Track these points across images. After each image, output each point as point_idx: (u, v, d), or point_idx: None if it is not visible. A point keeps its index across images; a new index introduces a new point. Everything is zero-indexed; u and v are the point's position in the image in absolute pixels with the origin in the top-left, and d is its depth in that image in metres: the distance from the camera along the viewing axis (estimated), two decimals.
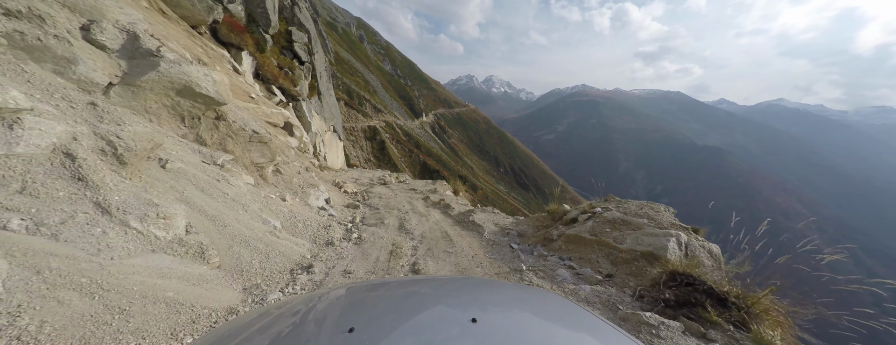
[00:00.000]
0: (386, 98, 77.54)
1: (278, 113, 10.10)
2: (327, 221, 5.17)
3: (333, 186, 9.04)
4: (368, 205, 7.66)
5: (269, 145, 4.61)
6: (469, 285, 1.17)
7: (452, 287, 1.12)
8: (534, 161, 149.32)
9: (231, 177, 3.74)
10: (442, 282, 1.22)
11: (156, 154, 2.86)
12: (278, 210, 4.04)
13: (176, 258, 2.34)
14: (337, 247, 4.06)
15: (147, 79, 3.12)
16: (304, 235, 4.04)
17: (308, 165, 9.03)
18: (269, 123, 9.81)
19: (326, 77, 18.12)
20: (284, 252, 3.29)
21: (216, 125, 3.97)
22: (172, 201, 2.63)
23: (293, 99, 12.06)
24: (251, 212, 3.44)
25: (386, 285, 1.13)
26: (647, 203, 3.79)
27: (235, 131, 4.16)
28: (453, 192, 10.05)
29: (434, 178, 31.54)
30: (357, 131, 52.64)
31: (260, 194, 4.03)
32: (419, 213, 6.70)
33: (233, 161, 4.04)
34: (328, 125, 17.96)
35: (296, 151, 9.10)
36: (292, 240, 3.65)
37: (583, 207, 4.28)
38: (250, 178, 4.23)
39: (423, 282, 1.21)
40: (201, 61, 7.48)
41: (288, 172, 6.17)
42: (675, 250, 2.72)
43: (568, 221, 4.16)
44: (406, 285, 1.13)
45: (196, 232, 2.64)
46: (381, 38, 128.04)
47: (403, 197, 8.57)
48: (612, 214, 3.55)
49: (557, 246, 3.65)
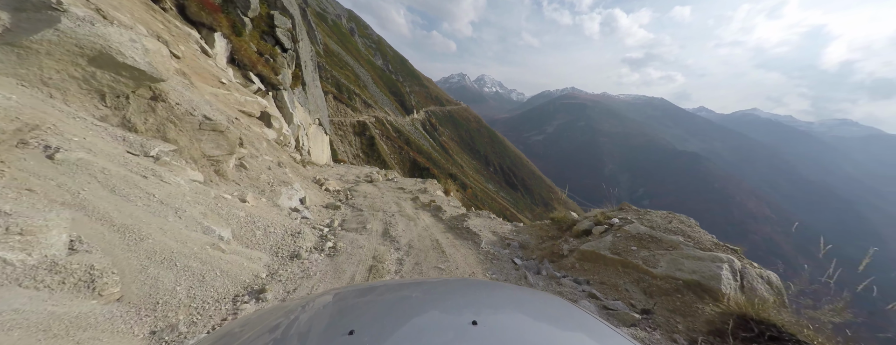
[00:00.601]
0: (376, 93, 76.02)
1: (254, 102, 9.16)
2: (298, 225, 4.40)
3: (314, 183, 8.20)
4: (351, 205, 6.89)
5: (226, 135, 3.81)
6: (469, 286, 1.14)
7: (452, 289, 1.10)
8: (523, 161, 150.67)
9: (168, 172, 2.94)
10: (441, 284, 1.20)
11: (39, 139, 2.06)
12: (231, 214, 3.26)
13: (40, 292, 1.57)
14: (304, 260, 3.32)
15: (41, 39, 2.30)
16: (263, 245, 3.28)
17: (285, 160, 8.17)
18: (243, 111, 8.86)
19: (312, 67, 17.04)
20: (229, 271, 2.54)
21: (152, 107, 3.15)
22: (51, 207, 1.85)
23: (274, 88, 11.07)
24: (187, 218, 2.66)
25: (385, 286, 1.12)
26: (672, 215, 3.23)
27: (180, 116, 3.34)
28: (444, 192, 9.37)
29: (424, 176, 31.00)
30: (346, 126, 51.31)
31: (209, 195, 3.24)
32: (407, 216, 5.99)
33: (174, 153, 3.23)
34: (313, 118, 16.92)
35: (271, 144, 8.21)
36: (244, 253, 2.90)
37: (595, 216, 3.71)
38: (198, 173, 3.43)
39: (423, 284, 1.18)
40: (161, 38, 6.52)
41: (255, 167, 5.34)
42: (729, 281, 2.13)
43: (579, 233, 3.57)
44: (406, 287, 1.11)
45: (88, 250, 1.86)
46: (372, 32, 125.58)
47: (390, 197, 7.83)
48: (635, 228, 2.96)
49: (570, 264, 3.04)
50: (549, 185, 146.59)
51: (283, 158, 8.27)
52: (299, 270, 3.11)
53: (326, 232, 4.67)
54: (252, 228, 3.36)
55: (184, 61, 7.60)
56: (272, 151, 7.89)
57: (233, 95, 8.56)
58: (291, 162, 8.89)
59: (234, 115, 7.87)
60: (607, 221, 3.44)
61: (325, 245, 3.98)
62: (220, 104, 7.73)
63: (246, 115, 8.82)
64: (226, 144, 3.85)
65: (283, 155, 8.29)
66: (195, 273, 2.30)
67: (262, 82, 10.70)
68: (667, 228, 2.92)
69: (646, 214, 3.39)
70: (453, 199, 9.44)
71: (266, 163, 5.85)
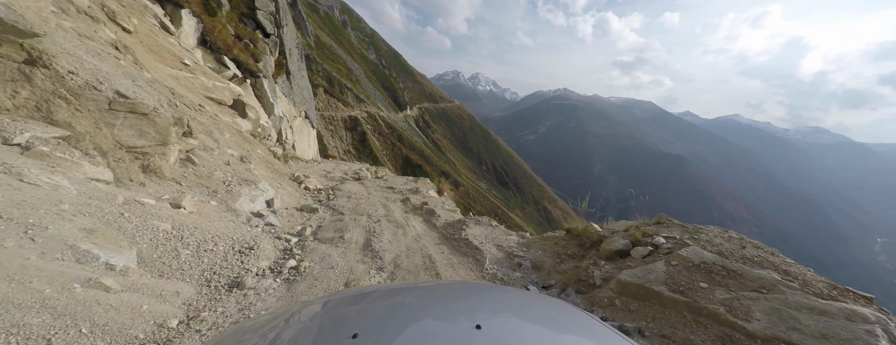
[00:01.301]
0: (369, 88, 74.36)
1: (224, 87, 8.07)
2: (256, 236, 3.48)
3: (291, 181, 7.21)
4: (331, 207, 5.96)
5: (152, 119, 2.84)
6: (471, 290, 1.11)
7: (455, 293, 1.05)
8: (515, 160, 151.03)
9: (42, 169, 2.00)
10: (444, 287, 1.17)
11: None
12: (145, 228, 2.34)
13: None
14: (248, 291, 2.43)
15: None
16: (189, 271, 2.37)
17: (260, 154, 7.17)
18: (211, 98, 7.77)
19: (298, 55, 15.84)
20: (110, 323, 1.64)
21: (27, 76, 2.18)
22: None
23: (252, 75, 9.96)
24: (49, 239, 1.73)
25: (388, 290, 1.12)
26: (740, 237, 2.44)
27: (75, 90, 2.37)
28: (438, 192, 8.51)
29: (416, 173, 29.89)
30: (336, 121, 49.87)
31: (112, 200, 2.31)
32: (395, 222, 5.12)
33: (63, 141, 2.27)
34: (298, 110, 15.75)
35: (242, 136, 7.17)
36: (151, 287, 1.99)
37: (629, 232, 2.92)
38: (106, 170, 2.49)
39: (425, 288, 1.14)
40: (106, 7, 5.43)
41: (208, 162, 4.36)
42: None
43: (611, 255, 2.78)
44: (408, 290, 1.10)
45: None
46: (366, 26, 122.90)
47: (378, 197, 6.92)
48: (697, 254, 2.17)
49: (606, 299, 2.25)
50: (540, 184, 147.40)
51: (257, 152, 7.26)
52: (237, 308, 2.21)
53: (293, 244, 3.76)
54: (176, 246, 2.44)
55: (136, 36, 6.48)
56: (242, 143, 6.88)
57: (198, 78, 7.46)
58: (267, 157, 7.88)
59: (199, 101, 6.80)
60: (651, 241, 2.65)
61: (286, 265, 3.08)
62: (183, 89, 6.65)
63: (214, 102, 7.73)
64: (153, 131, 2.89)
65: (256, 148, 7.25)
66: (33, 337, 1.39)
67: (239, 68, 9.58)
68: (742, 255, 2.14)
69: (699, 232, 2.61)
70: (447, 200, 8.58)
71: (225, 157, 4.87)
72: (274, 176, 6.73)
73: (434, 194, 8.23)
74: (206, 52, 8.51)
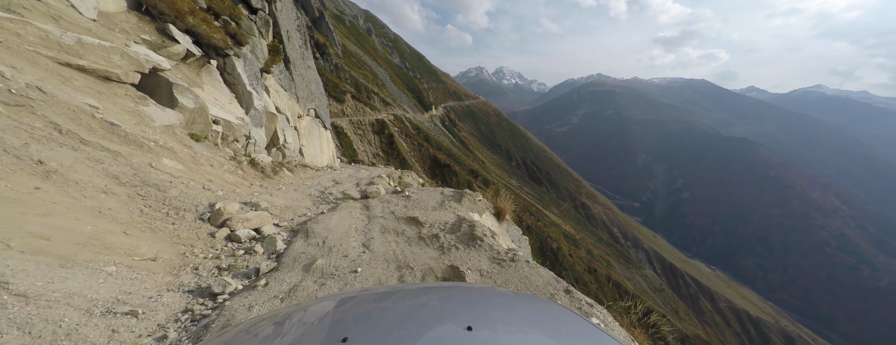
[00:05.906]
0: (394, 91, 73.04)
1: (113, 49, 4.54)
2: None
3: (246, 208, 4.14)
4: (251, 298, 2.77)
5: None
6: (464, 292, 1.09)
7: (447, 295, 1.05)
8: (547, 154, 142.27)
9: None
10: (436, 290, 1.14)
11: None
12: None
13: None
14: None
15: None
16: None
17: (166, 165, 4.24)
18: (74, 66, 4.25)
19: (299, 40, 13.15)
20: None
21: None
22: None
23: (218, 53, 7.24)
24: None
25: (380, 292, 1.10)
26: None
27: None
28: (495, 214, 4.98)
29: (445, 173, 25.88)
30: (365, 125, 48.55)
31: None
32: None
33: None
34: (304, 107, 13.12)
35: (124, 137, 4.29)
36: None
37: None
38: None
39: (418, 290, 1.12)
40: None
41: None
42: None
43: None
44: (398, 293, 1.07)
45: None
46: (389, 31, 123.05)
47: (380, 246, 3.60)
48: None
49: None
50: (576, 178, 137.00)
51: (221, 161, 4.34)
52: None
53: None
54: None
55: None
56: (122, 149, 3.97)
57: (29, 25, 4.08)
58: (220, 171, 4.96)
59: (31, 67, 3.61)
60: None
61: None
62: None
63: (80, 70, 4.03)
64: None
65: (161, 158, 4.21)
66: None
67: (198, 45, 6.88)
68: None
69: None
70: (511, 226, 5.11)
71: None
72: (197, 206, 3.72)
73: (487, 222, 4.71)
74: (144, 20, 5.75)
